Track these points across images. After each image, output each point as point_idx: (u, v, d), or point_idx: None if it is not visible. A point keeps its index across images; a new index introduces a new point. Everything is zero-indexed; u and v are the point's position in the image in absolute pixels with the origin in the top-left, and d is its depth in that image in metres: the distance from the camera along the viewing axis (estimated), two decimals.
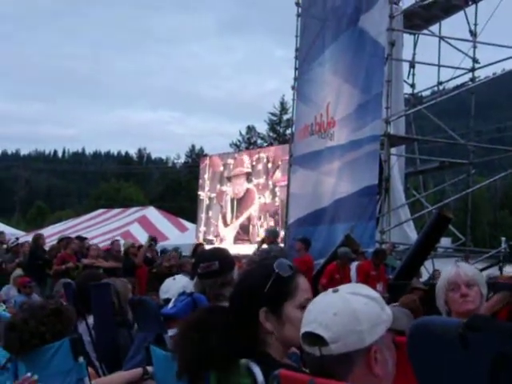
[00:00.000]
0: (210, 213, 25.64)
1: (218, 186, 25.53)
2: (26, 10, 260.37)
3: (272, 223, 22.73)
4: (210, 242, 24.24)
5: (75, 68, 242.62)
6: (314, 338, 1.99)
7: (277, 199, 22.92)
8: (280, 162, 22.99)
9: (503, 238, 21.71)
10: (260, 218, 23.52)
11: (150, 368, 4.04)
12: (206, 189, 26.06)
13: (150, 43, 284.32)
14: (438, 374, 1.87)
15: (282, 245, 17.63)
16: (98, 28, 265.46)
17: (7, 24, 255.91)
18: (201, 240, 24.41)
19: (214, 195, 25.64)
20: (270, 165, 23.52)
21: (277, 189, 22.99)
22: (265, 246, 12.45)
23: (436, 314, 3.60)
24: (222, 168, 25.60)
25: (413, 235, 17.22)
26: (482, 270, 16.41)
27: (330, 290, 2.08)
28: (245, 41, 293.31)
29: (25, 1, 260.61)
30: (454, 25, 19.65)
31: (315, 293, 2.30)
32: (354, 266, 13.72)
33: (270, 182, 23.31)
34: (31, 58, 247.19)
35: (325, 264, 14.51)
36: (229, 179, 25.11)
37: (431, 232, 13.60)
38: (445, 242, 19.98)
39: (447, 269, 3.97)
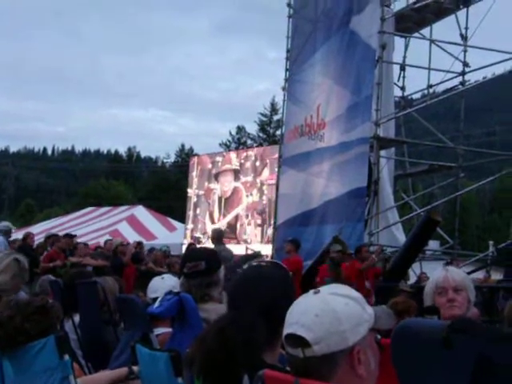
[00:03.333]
0: (198, 210, 25.63)
1: (206, 184, 25.52)
2: (22, 8, 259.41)
3: (259, 221, 22.77)
4: (198, 239, 24.25)
5: (67, 66, 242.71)
6: (297, 340, 1.99)
7: (264, 197, 22.95)
8: (268, 161, 23.02)
9: (491, 242, 21.78)
10: (247, 217, 23.53)
11: (135, 367, 4.03)
12: (194, 186, 26.05)
13: (144, 43, 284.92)
14: (422, 376, 1.87)
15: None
16: (93, 28, 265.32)
17: (3, 22, 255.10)
18: (188, 237, 24.43)
19: (201, 193, 25.63)
20: (257, 163, 23.54)
21: (264, 187, 23.03)
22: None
23: (421, 317, 3.62)
24: (210, 166, 25.60)
25: (401, 238, 17.24)
26: (469, 273, 16.51)
27: (311, 291, 2.08)
28: (238, 42, 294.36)
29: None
30: (444, 28, 19.70)
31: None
32: None
33: (258, 180, 23.33)
34: (23, 56, 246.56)
35: (312, 265, 14.53)
36: (216, 176, 25.11)
37: (419, 235, 13.64)
38: (433, 244, 20.03)
39: (436, 272, 3.97)
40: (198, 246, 18.63)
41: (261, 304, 2.52)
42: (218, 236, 13.66)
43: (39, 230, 25.86)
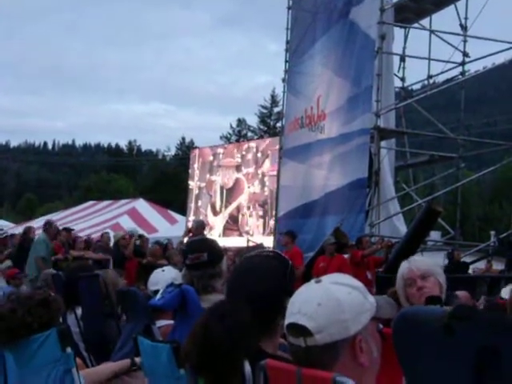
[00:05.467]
0: (200, 202, 25.64)
1: (208, 176, 25.53)
2: (18, 4, 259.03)
3: (261, 213, 22.79)
4: None
5: (67, 61, 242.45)
6: (299, 329, 1.99)
7: (266, 189, 22.96)
8: (269, 152, 23.02)
9: (492, 232, 21.82)
10: (249, 208, 23.55)
11: (137, 359, 4.04)
12: (196, 178, 26.05)
13: (144, 37, 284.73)
14: (423, 364, 1.87)
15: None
16: (92, 22, 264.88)
17: (1, 19, 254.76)
18: None
19: (203, 185, 25.64)
20: (259, 154, 23.55)
21: (266, 178, 23.03)
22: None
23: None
24: (211, 157, 25.61)
25: (402, 228, 17.23)
26: (471, 263, 16.52)
27: (313, 280, 2.09)
28: (238, 35, 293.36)
29: None
30: (444, 18, 19.68)
31: None
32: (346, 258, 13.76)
33: (260, 172, 23.33)
34: (22, 51, 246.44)
35: (314, 257, 14.53)
36: (218, 169, 25.12)
37: (421, 225, 13.62)
38: (434, 235, 20.03)
39: (400, 266, 4.00)
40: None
41: (248, 293, 2.56)
42: (200, 227, 13.69)
43: (40, 225, 25.80)
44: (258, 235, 22.18)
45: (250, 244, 19.20)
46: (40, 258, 13.92)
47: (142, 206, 31.13)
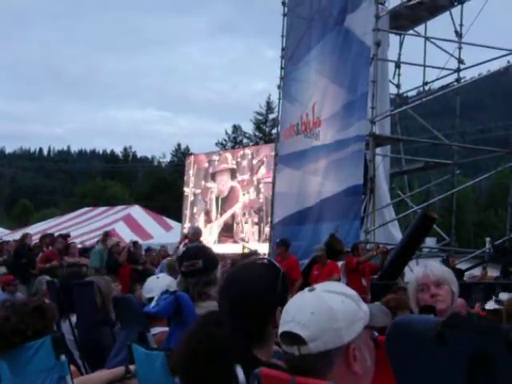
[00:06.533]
0: (195, 209, 25.66)
1: (203, 183, 25.53)
2: (17, 8, 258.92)
3: (256, 219, 22.78)
4: None
5: (64, 67, 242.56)
6: (293, 338, 1.98)
7: (261, 195, 22.97)
8: (265, 159, 23.03)
9: (487, 239, 21.79)
10: (244, 215, 23.55)
11: (132, 367, 4.03)
12: (191, 185, 26.07)
13: (141, 44, 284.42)
14: (417, 373, 1.87)
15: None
16: (89, 28, 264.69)
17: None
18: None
19: (198, 191, 25.65)
20: (254, 161, 23.55)
21: (261, 185, 23.04)
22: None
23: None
24: (206, 164, 25.62)
25: (398, 235, 17.23)
26: (466, 270, 16.51)
27: (307, 289, 2.08)
28: (236, 42, 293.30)
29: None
30: (439, 25, 19.71)
31: None
32: (340, 265, 13.75)
33: (255, 179, 23.34)
34: (19, 56, 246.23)
35: (309, 263, 14.53)
36: (213, 176, 25.13)
37: (416, 232, 13.62)
38: (430, 242, 20.03)
39: (415, 270, 3.97)
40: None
41: (236, 300, 2.56)
42: (196, 233, 13.72)
43: (36, 231, 25.80)
44: (254, 242, 22.18)
45: (245, 250, 19.21)
46: (92, 269, 14.40)
47: (137, 212, 31.17)
